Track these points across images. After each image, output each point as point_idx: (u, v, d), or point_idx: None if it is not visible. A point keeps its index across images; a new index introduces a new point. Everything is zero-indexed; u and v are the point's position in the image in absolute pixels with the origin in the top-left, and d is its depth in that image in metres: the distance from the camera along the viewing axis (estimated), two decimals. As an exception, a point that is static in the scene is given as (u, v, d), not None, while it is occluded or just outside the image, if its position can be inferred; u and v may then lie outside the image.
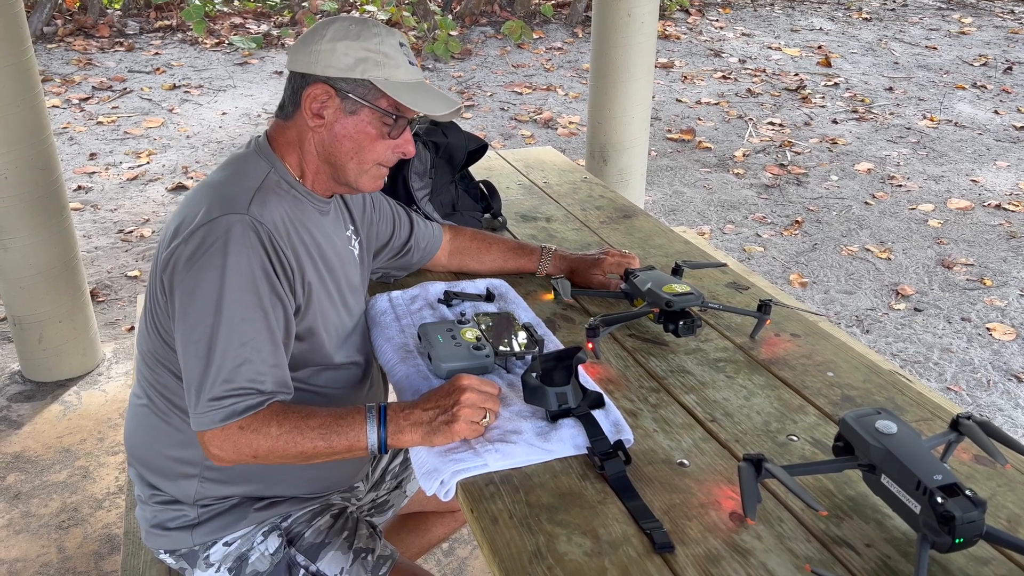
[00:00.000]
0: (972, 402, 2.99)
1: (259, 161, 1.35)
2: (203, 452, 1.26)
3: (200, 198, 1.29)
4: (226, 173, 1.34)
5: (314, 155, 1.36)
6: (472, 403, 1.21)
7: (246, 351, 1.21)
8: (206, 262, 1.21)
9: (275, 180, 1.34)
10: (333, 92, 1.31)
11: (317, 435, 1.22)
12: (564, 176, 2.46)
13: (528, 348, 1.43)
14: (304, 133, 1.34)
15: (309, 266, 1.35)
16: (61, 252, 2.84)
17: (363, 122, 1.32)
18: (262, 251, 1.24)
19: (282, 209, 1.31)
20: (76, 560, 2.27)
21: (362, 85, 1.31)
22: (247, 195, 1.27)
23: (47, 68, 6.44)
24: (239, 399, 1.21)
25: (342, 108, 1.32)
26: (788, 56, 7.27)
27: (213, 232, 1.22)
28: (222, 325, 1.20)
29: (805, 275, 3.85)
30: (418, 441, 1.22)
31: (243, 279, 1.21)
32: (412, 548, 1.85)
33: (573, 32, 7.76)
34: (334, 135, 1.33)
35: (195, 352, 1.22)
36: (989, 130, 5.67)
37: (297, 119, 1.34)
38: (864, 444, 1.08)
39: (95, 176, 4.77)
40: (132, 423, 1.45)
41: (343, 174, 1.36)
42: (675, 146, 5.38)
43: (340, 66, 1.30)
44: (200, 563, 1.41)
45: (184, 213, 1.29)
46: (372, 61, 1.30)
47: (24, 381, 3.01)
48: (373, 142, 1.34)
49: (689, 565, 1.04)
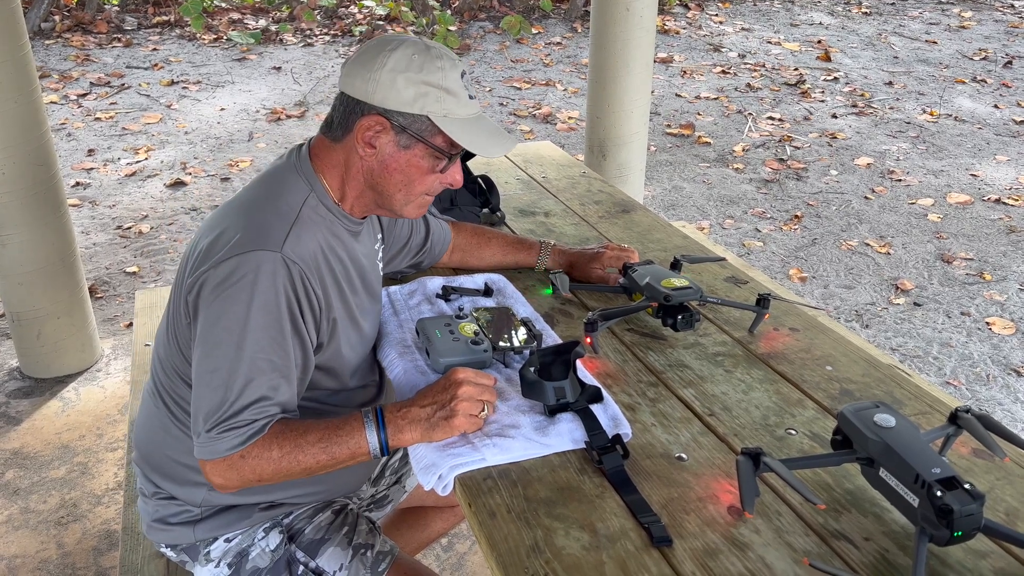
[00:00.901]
0: (971, 396, 2.99)
1: (298, 181, 1.31)
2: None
3: (236, 219, 1.25)
4: (264, 191, 1.30)
5: (360, 182, 1.31)
6: (469, 396, 1.21)
7: (261, 388, 1.20)
8: (234, 295, 1.19)
9: (313, 205, 1.30)
10: (388, 125, 1.26)
11: (319, 449, 1.22)
12: (563, 171, 2.46)
13: (526, 343, 1.43)
14: (352, 158, 1.30)
15: (336, 297, 1.32)
16: (59, 248, 2.84)
17: (416, 156, 1.28)
18: (291, 291, 1.21)
19: (316, 240, 1.27)
20: (75, 556, 2.27)
21: (419, 120, 1.26)
22: (283, 229, 1.23)
23: (45, 64, 6.43)
24: (243, 429, 1.20)
25: (396, 142, 1.27)
26: (788, 51, 7.25)
27: (244, 265, 1.19)
28: (242, 361, 1.19)
29: (804, 270, 3.84)
30: (418, 438, 1.22)
31: (268, 317, 1.19)
32: (411, 543, 1.85)
33: (572, 27, 7.74)
34: (384, 167, 1.29)
35: (209, 382, 1.21)
36: (989, 124, 5.66)
37: (346, 143, 1.30)
38: (862, 438, 1.08)
39: (93, 172, 4.77)
40: (144, 423, 1.44)
41: (388, 202, 1.33)
42: (674, 141, 5.38)
43: (399, 100, 1.24)
44: (201, 558, 1.41)
45: (218, 233, 1.25)
46: (433, 96, 1.25)
47: (23, 377, 3.01)
48: (424, 175, 1.30)
49: (687, 559, 1.04)
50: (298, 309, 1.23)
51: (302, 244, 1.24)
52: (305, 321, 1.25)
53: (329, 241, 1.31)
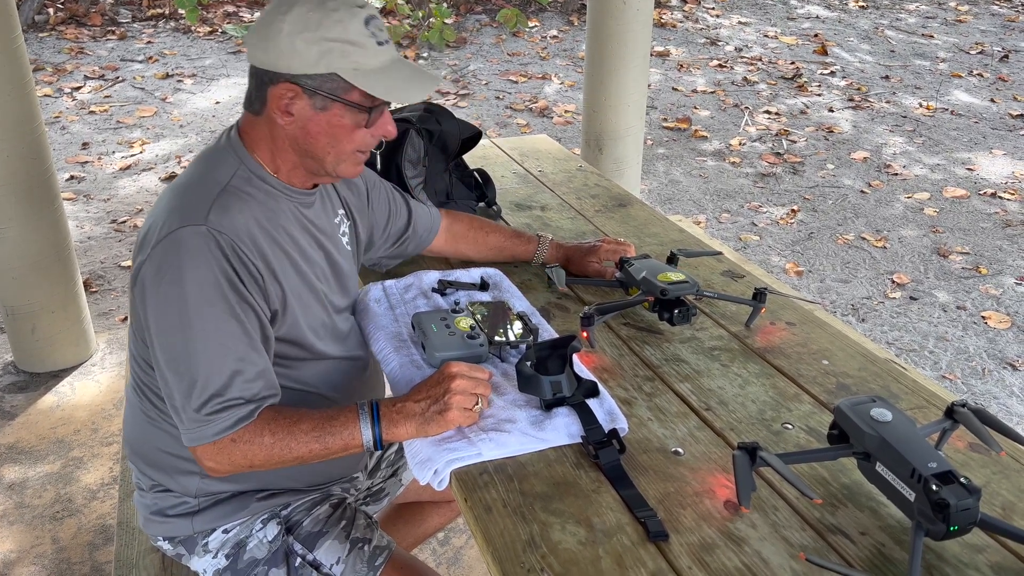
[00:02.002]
0: (967, 390, 3.00)
1: (228, 157, 1.30)
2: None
3: (167, 203, 1.25)
4: (194, 172, 1.29)
5: (288, 150, 1.30)
6: (463, 390, 1.21)
7: (229, 362, 1.19)
8: (168, 279, 1.18)
9: (244, 177, 1.28)
10: (300, 90, 1.23)
11: (311, 438, 1.22)
12: (559, 165, 2.45)
13: (522, 337, 1.43)
14: (275, 129, 1.28)
15: (287, 266, 1.30)
16: (53, 242, 2.83)
17: (335, 116, 1.25)
18: (224, 261, 1.19)
19: (249, 211, 1.25)
20: (70, 551, 2.27)
21: (330, 79, 1.22)
22: (207, 202, 1.22)
23: (39, 57, 6.39)
24: (229, 412, 1.19)
25: (311, 105, 1.24)
26: (784, 44, 7.25)
27: (171, 247, 1.18)
28: (196, 341, 1.18)
29: (801, 264, 3.85)
30: (413, 433, 1.21)
31: (208, 290, 1.18)
32: (408, 538, 1.85)
33: (568, 20, 7.72)
34: (307, 132, 1.26)
35: (173, 370, 1.20)
36: (985, 118, 5.66)
37: (266, 115, 1.28)
38: (859, 432, 1.08)
39: (88, 166, 4.75)
40: (130, 419, 1.44)
41: (321, 166, 1.31)
42: (671, 135, 5.37)
43: (303, 63, 1.21)
44: (198, 549, 1.41)
45: (151, 219, 1.25)
46: (337, 52, 1.21)
47: (17, 372, 3.00)
48: (350, 133, 1.27)
49: (683, 553, 1.04)
50: (236, 277, 1.21)
51: (229, 215, 1.22)
52: (248, 288, 1.22)
53: (267, 212, 1.29)
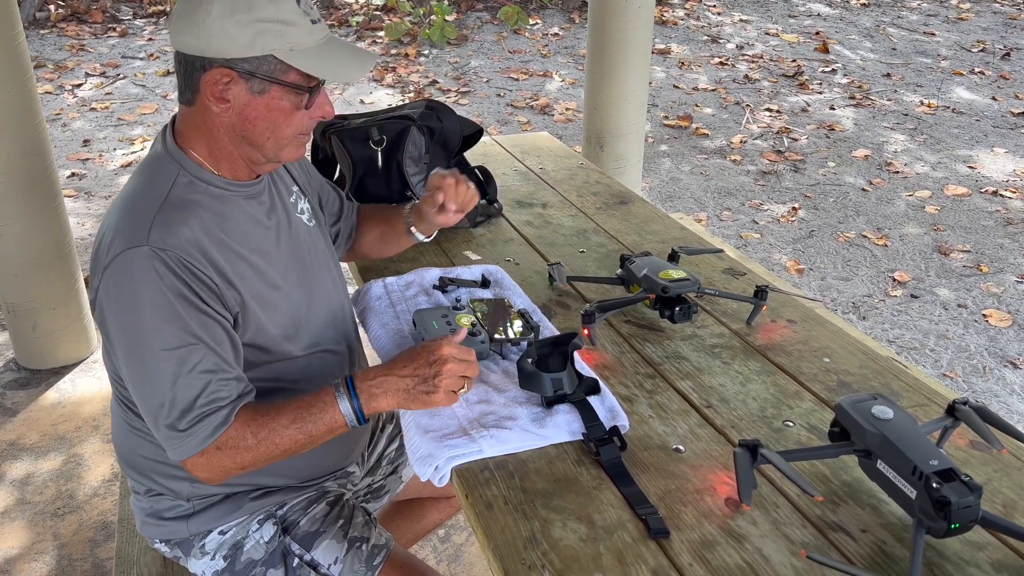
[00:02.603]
0: (968, 388, 3.00)
1: (167, 164, 1.25)
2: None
3: (112, 220, 1.22)
4: (136, 184, 1.25)
5: (225, 140, 1.25)
6: (453, 373, 1.21)
7: (194, 378, 1.18)
8: (122, 305, 1.17)
9: (185, 183, 1.24)
10: (235, 74, 1.18)
11: (294, 430, 1.21)
12: (560, 162, 2.45)
13: (522, 334, 1.43)
14: (210, 119, 1.23)
15: (243, 269, 1.26)
16: (54, 239, 2.83)
17: (273, 99, 1.21)
18: (173, 277, 1.17)
19: (195, 220, 1.21)
20: (71, 547, 2.27)
21: (265, 61, 1.18)
22: (147, 219, 1.18)
23: (40, 54, 6.39)
24: (204, 422, 1.19)
25: (248, 89, 1.19)
26: (786, 42, 7.24)
27: (119, 271, 1.16)
28: (159, 362, 1.17)
29: (802, 261, 3.84)
30: (394, 405, 1.22)
31: (162, 311, 1.16)
32: (408, 534, 1.85)
33: (570, 18, 7.72)
34: (244, 118, 1.22)
35: (141, 393, 1.20)
36: (987, 116, 5.65)
37: (199, 105, 1.22)
38: (860, 430, 1.08)
39: (89, 163, 4.75)
40: (116, 430, 1.43)
41: (261, 153, 1.26)
42: (672, 132, 5.37)
43: (236, 46, 1.16)
44: (195, 551, 1.41)
45: (99, 237, 1.23)
46: (271, 32, 1.17)
47: (19, 368, 3.00)
48: (288, 116, 1.23)
49: (684, 551, 1.04)
50: (189, 291, 1.18)
51: (171, 229, 1.18)
52: (205, 299, 1.19)
53: (213, 216, 1.24)
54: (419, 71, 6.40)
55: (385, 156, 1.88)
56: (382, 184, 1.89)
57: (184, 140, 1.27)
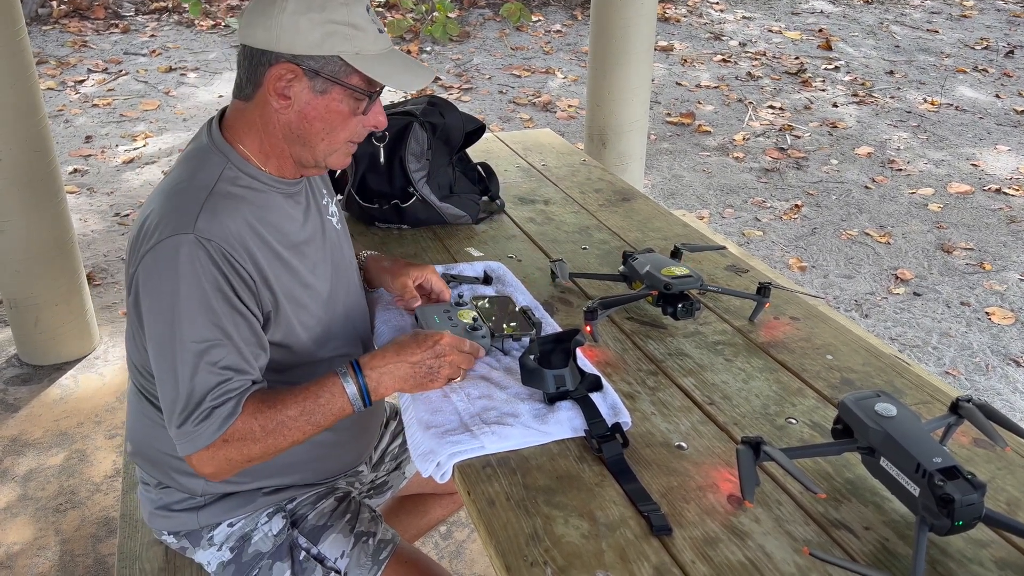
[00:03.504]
0: (970, 386, 2.99)
1: (213, 155, 1.26)
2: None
3: (157, 206, 1.22)
4: (181, 173, 1.26)
5: (279, 138, 1.26)
6: (455, 364, 1.29)
7: (212, 373, 1.18)
8: (159, 288, 1.17)
9: (231, 177, 1.25)
10: (300, 71, 1.20)
11: (303, 421, 1.22)
12: (563, 159, 2.45)
13: (525, 330, 1.42)
14: (268, 115, 1.24)
15: (278, 267, 1.27)
16: (56, 235, 2.83)
17: (334, 100, 1.23)
18: (213, 269, 1.17)
19: (239, 213, 1.22)
20: (73, 543, 2.27)
21: (331, 62, 1.21)
22: (195, 207, 1.19)
23: (42, 50, 6.39)
24: (213, 415, 1.19)
25: (311, 87, 1.21)
26: (788, 39, 7.22)
27: (161, 256, 1.17)
28: (184, 351, 1.17)
29: (804, 259, 3.84)
30: (397, 388, 1.27)
31: (197, 302, 1.16)
32: (410, 530, 1.85)
33: (572, 14, 7.70)
34: (303, 116, 1.23)
35: (164, 379, 1.20)
36: (990, 114, 5.64)
37: (258, 99, 1.24)
38: (863, 427, 1.08)
39: (91, 159, 4.75)
40: (132, 421, 1.43)
41: (312, 154, 1.27)
42: (674, 129, 5.36)
43: (306, 43, 1.19)
44: (203, 543, 1.41)
45: (141, 222, 1.23)
46: (340, 35, 1.20)
47: (21, 364, 3.00)
48: (345, 120, 1.25)
49: (687, 548, 1.04)
50: (227, 285, 1.18)
51: (217, 220, 1.19)
52: (240, 295, 1.20)
53: (257, 210, 1.25)
54: (421, 68, 6.39)
55: (387, 152, 1.88)
56: (384, 180, 1.89)
57: (233, 134, 1.28)
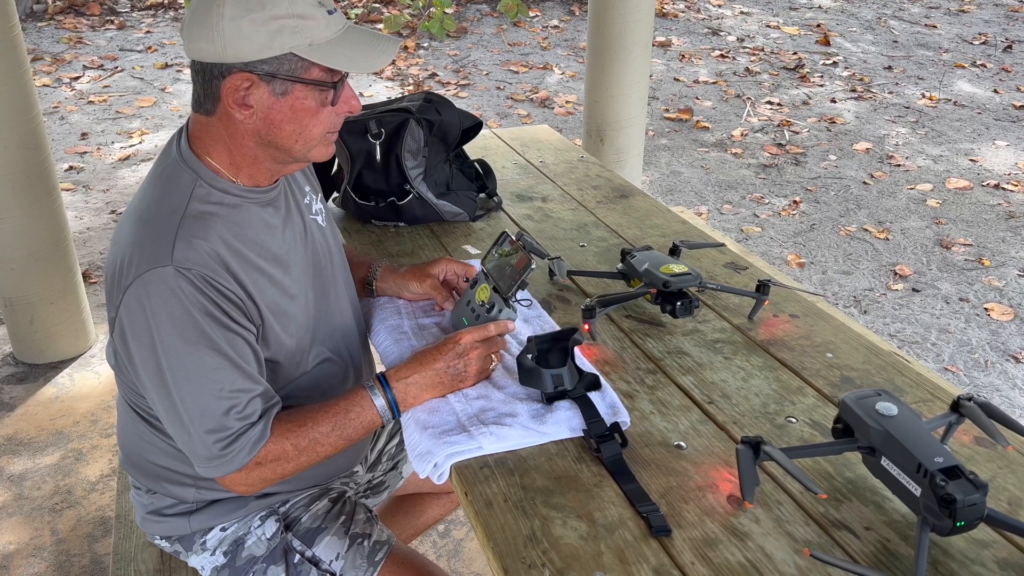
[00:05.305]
0: (970, 383, 2.99)
1: (182, 172, 1.20)
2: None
3: (129, 236, 1.17)
4: (151, 196, 1.20)
5: (250, 147, 1.20)
6: (481, 357, 1.29)
7: (221, 399, 1.16)
8: (145, 327, 1.13)
9: (202, 194, 1.19)
10: (255, 78, 1.14)
11: (335, 436, 1.24)
12: (560, 155, 2.44)
13: (526, 268, 1.35)
14: (233, 127, 1.18)
15: (261, 281, 1.23)
16: (52, 233, 2.81)
17: (298, 99, 1.17)
18: (200, 296, 1.13)
19: (214, 232, 1.17)
20: (69, 543, 2.26)
21: (286, 60, 1.14)
22: (170, 235, 1.14)
23: (37, 47, 6.37)
24: (241, 440, 1.18)
25: (270, 92, 1.15)
26: (787, 34, 7.21)
27: (142, 293, 1.12)
28: (186, 384, 1.15)
29: (803, 255, 3.83)
30: (428, 396, 1.28)
31: (187, 332, 1.13)
32: (407, 529, 1.84)
33: (570, 10, 7.68)
34: (270, 123, 1.17)
35: (168, 415, 1.18)
36: (988, 109, 5.63)
37: (221, 113, 1.18)
38: (864, 426, 1.07)
39: (87, 156, 4.73)
40: (122, 430, 1.41)
41: (290, 155, 1.22)
42: (673, 126, 5.35)
43: (253, 47, 1.12)
44: (196, 547, 1.40)
45: (117, 255, 1.18)
46: (288, 30, 1.12)
47: (16, 363, 2.99)
48: (315, 115, 1.19)
49: (686, 548, 1.03)
50: (217, 309, 1.15)
51: (193, 247, 1.14)
52: (231, 315, 1.17)
53: (233, 226, 1.20)
54: (418, 64, 6.38)
55: (384, 149, 1.87)
56: (380, 178, 1.88)
57: (201, 147, 1.22)
